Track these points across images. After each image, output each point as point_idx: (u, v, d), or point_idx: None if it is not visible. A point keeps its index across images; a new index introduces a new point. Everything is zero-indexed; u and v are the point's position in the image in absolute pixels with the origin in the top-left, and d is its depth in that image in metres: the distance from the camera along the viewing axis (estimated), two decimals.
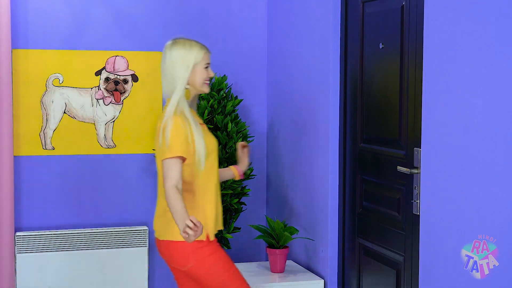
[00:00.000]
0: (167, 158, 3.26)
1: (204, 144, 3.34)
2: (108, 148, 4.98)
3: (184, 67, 3.36)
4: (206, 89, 3.45)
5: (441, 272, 3.12)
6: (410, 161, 3.48)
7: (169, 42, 3.42)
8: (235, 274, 3.46)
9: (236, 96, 5.01)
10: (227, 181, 4.82)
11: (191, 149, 3.33)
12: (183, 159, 3.29)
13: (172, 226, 3.39)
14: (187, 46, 3.38)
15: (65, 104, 4.88)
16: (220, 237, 4.83)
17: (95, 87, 4.92)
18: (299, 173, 4.65)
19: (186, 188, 3.40)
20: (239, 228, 4.92)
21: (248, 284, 3.50)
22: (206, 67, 3.42)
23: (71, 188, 4.93)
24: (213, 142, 3.46)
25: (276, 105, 5.06)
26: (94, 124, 4.94)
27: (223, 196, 4.80)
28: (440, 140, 3.12)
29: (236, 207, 4.84)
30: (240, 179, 3.57)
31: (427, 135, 3.22)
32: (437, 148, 3.14)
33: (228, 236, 4.82)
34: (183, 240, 3.36)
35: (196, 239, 3.36)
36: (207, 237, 3.41)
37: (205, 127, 3.50)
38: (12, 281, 4.70)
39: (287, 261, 4.71)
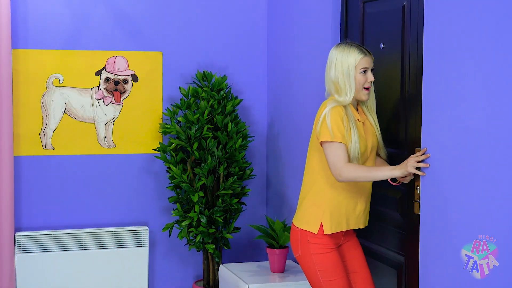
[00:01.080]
0: (328, 141, 3.27)
1: (358, 142, 3.32)
2: (108, 148, 4.98)
3: (340, 72, 3.35)
4: (363, 96, 3.39)
5: (441, 272, 3.12)
6: None
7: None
8: (334, 285, 3.38)
9: (236, 96, 5.01)
10: (227, 181, 4.82)
11: (347, 141, 3.31)
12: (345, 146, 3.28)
13: (297, 211, 3.48)
14: (346, 50, 3.36)
15: (65, 104, 4.88)
16: (220, 237, 4.83)
17: (95, 87, 4.92)
18: (299, 173, 4.64)
19: (323, 173, 3.39)
20: (239, 228, 4.92)
21: None
22: (364, 72, 3.36)
23: (71, 188, 4.93)
24: (365, 143, 3.39)
25: (276, 105, 5.06)
26: (94, 124, 4.93)
27: (223, 196, 4.80)
28: (440, 140, 3.12)
29: (236, 207, 4.84)
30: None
31: (427, 135, 3.22)
32: (437, 148, 3.14)
33: (228, 236, 4.82)
34: (301, 227, 3.41)
35: (308, 230, 3.39)
36: (320, 232, 3.38)
37: (363, 125, 3.44)
38: (12, 281, 4.70)
39: (287, 261, 4.71)
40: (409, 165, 3.19)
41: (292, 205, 4.78)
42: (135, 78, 4.98)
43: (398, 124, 3.59)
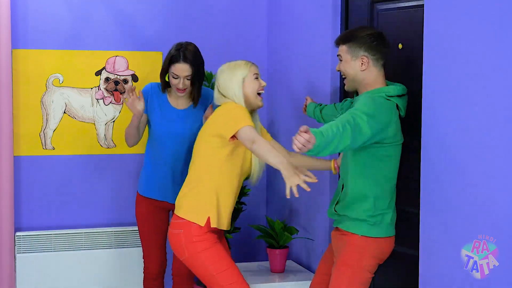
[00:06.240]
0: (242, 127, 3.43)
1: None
2: (108, 148, 4.98)
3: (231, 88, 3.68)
4: (259, 102, 3.64)
5: (441, 272, 3.12)
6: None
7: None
8: (228, 273, 3.50)
9: None
10: None
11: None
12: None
13: (182, 201, 3.60)
14: (231, 67, 3.74)
15: (65, 104, 4.88)
16: None
17: (95, 87, 4.92)
18: None
19: (215, 169, 3.54)
20: (239, 228, 4.91)
21: (243, 284, 3.51)
22: (256, 78, 3.66)
23: (71, 188, 4.93)
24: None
25: (276, 105, 5.06)
26: (94, 124, 4.94)
27: None
28: (440, 140, 3.12)
29: (236, 207, 4.84)
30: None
31: (427, 135, 3.22)
32: (437, 148, 3.14)
33: (228, 236, 4.82)
34: (187, 219, 3.53)
35: (197, 223, 3.51)
36: (206, 226, 3.52)
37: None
38: (12, 281, 4.70)
39: (287, 261, 4.71)
40: (294, 179, 3.13)
41: (292, 205, 4.78)
42: (135, 78, 4.98)
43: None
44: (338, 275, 3.33)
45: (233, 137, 3.45)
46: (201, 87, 4.12)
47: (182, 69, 3.96)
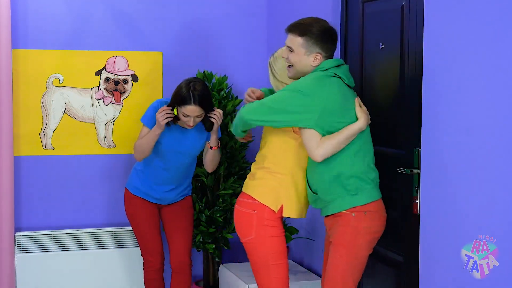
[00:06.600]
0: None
1: None
2: (108, 148, 4.98)
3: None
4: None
5: (441, 272, 3.12)
6: (410, 161, 3.48)
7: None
8: (281, 268, 3.47)
9: (237, 96, 5.01)
10: (227, 181, 4.81)
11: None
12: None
13: (252, 181, 3.54)
14: (274, 57, 3.67)
15: (65, 104, 4.87)
16: (220, 236, 4.83)
17: (95, 87, 4.92)
18: None
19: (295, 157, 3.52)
20: None
21: (287, 284, 3.50)
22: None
23: (71, 188, 4.93)
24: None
25: None
26: (94, 124, 4.93)
27: (223, 196, 4.79)
28: (440, 140, 3.12)
29: None
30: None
31: (427, 135, 3.22)
32: (437, 148, 3.14)
33: (228, 236, 4.82)
34: (251, 212, 3.47)
35: (271, 207, 3.45)
36: (278, 212, 3.47)
37: None
38: (12, 281, 4.70)
39: None
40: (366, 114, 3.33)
41: None
42: (135, 78, 4.98)
43: (398, 124, 3.59)
44: (334, 256, 3.35)
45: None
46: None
47: (193, 111, 3.99)
